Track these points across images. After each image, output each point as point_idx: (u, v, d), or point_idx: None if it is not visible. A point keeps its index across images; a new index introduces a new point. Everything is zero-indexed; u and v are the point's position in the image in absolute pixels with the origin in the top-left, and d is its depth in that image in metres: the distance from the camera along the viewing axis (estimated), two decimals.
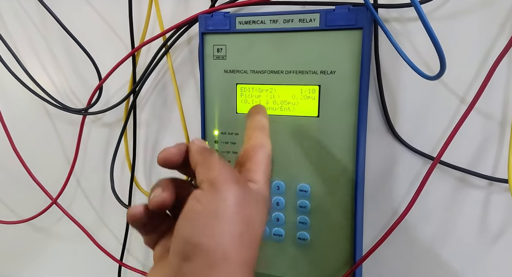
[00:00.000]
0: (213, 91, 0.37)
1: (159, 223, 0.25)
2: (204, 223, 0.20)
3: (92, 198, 0.51)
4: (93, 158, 0.49)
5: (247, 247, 0.21)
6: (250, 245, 0.21)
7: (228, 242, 0.20)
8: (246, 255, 0.21)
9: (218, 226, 0.20)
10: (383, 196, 0.37)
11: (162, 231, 0.25)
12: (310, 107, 0.34)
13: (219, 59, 0.36)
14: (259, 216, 0.22)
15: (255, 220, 0.22)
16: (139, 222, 0.24)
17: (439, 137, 0.34)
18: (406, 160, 0.35)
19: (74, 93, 0.48)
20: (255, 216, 0.22)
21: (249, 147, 0.25)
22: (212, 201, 0.21)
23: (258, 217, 0.22)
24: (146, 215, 0.24)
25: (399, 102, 0.35)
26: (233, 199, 0.21)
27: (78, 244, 0.52)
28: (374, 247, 0.33)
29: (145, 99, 0.45)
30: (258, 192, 0.23)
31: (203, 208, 0.21)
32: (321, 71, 0.33)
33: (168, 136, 0.45)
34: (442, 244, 0.36)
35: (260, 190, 0.23)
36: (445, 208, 0.35)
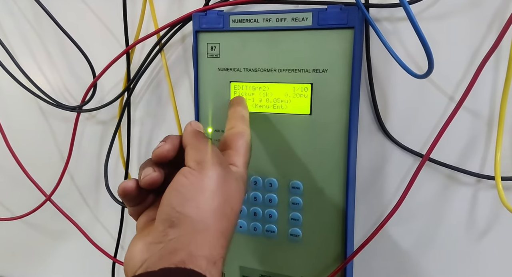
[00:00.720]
0: (207, 89, 0.37)
1: (145, 196, 0.28)
2: (190, 196, 0.24)
3: (86, 195, 0.51)
4: (87, 156, 0.49)
5: (225, 219, 0.24)
6: (227, 218, 0.24)
7: (209, 214, 0.23)
8: (223, 226, 0.24)
9: (201, 199, 0.24)
10: (374, 193, 0.37)
11: (147, 203, 0.28)
12: (303, 105, 0.34)
13: (212, 57, 0.37)
14: (238, 194, 0.26)
15: (233, 197, 0.25)
16: (129, 195, 0.27)
17: (429, 135, 0.35)
18: (396, 157, 0.36)
19: (68, 90, 0.48)
20: (234, 193, 0.26)
21: (231, 135, 0.29)
22: (198, 178, 0.24)
23: (237, 195, 0.26)
24: (136, 190, 0.27)
25: (389, 100, 0.35)
26: (216, 178, 0.24)
27: (72, 241, 0.52)
28: (365, 243, 0.34)
29: (139, 97, 0.45)
30: (238, 173, 0.27)
31: (190, 183, 0.24)
32: (313, 69, 0.33)
33: (162, 134, 0.45)
34: (431, 240, 0.36)
35: (239, 172, 0.27)
36: (434, 204, 0.36)
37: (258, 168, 0.37)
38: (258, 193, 0.37)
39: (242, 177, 0.27)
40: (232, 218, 0.25)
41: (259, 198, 0.37)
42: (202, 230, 0.23)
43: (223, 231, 0.24)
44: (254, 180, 0.37)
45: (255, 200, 0.37)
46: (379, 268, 0.39)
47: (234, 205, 0.25)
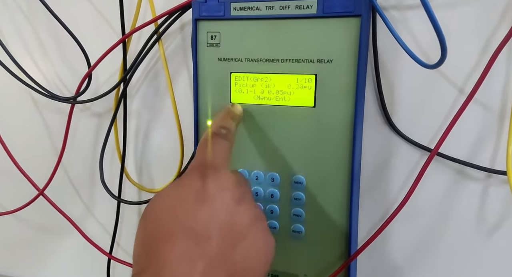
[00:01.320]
0: (207, 80, 0.37)
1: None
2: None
3: (80, 189, 0.50)
4: (82, 149, 0.49)
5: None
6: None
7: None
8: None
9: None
10: (379, 189, 0.37)
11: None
12: (306, 97, 0.33)
13: (212, 46, 0.36)
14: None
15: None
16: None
17: (437, 128, 0.34)
18: (403, 151, 0.35)
19: (62, 81, 0.47)
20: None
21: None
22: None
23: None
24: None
25: (396, 92, 0.35)
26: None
27: (66, 236, 0.52)
28: (370, 240, 0.33)
29: (136, 88, 0.44)
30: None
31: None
32: (318, 59, 0.33)
33: (160, 127, 0.44)
34: (439, 237, 0.36)
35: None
36: (442, 200, 0.35)
37: (260, 163, 0.36)
38: (260, 188, 0.36)
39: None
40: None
41: (260, 193, 0.37)
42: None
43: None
44: (255, 175, 0.36)
45: (256, 195, 0.37)
46: (384, 266, 0.38)
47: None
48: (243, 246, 0.23)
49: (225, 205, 0.24)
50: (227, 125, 0.30)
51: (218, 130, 0.29)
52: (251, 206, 0.25)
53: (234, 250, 0.23)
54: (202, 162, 0.26)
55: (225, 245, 0.22)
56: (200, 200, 0.23)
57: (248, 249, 0.23)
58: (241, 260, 0.23)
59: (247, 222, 0.24)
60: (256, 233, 0.24)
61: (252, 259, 0.24)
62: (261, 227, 0.25)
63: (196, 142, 0.37)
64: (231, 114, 0.33)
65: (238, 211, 0.24)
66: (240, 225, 0.24)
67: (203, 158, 0.27)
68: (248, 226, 0.24)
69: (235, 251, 0.23)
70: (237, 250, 0.23)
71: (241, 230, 0.24)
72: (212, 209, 0.23)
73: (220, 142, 0.28)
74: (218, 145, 0.28)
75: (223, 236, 0.23)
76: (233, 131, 0.31)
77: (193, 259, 0.21)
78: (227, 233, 0.23)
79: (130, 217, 0.48)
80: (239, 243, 0.23)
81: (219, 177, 0.25)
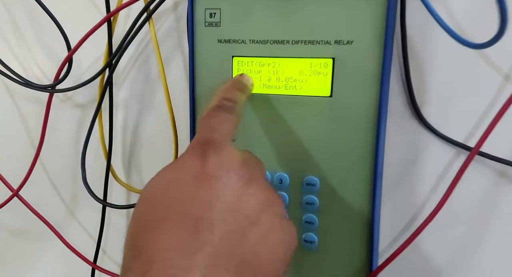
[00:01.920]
0: (205, 65, 0.34)
1: None
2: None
3: (61, 190, 0.47)
4: (63, 144, 0.45)
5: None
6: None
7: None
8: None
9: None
10: (404, 192, 0.34)
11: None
12: (322, 85, 0.31)
13: (212, 26, 0.33)
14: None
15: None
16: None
17: (476, 122, 0.31)
18: (434, 149, 0.32)
19: (39, 66, 0.44)
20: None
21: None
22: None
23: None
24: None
25: (427, 79, 0.31)
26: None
27: (44, 243, 0.49)
28: (396, 253, 0.30)
29: (124, 76, 0.41)
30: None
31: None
32: (336, 40, 0.30)
33: (151, 119, 0.41)
34: (477, 249, 0.33)
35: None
36: (480, 206, 0.32)
37: (266, 161, 0.32)
38: None
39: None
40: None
41: None
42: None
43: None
44: None
45: None
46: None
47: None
48: (254, 234, 0.21)
49: (230, 186, 0.21)
50: (233, 97, 0.27)
51: (222, 102, 0.26)
52: (263, 188, 0.23)
53: (243, 239, 0.20)
54: (202, 139, 0.23)
55: (231, 232, 0.20)
56: (199, 181, 0.21)
57: (261, 238, 0.21)
58: (252, 251, 0.20)
59: (259, 206, 0.21)
60: (271, 219, 0.22)
61: (266, 250, 0.21)
62: (277, 212, 0.22)
63: (192, 135, 0.35)
64: (238, 85, 0.29)
65: (247, 194, 0.21)
66: (250, 209, 0.21)
67: (203, 135, 0.24)
68: (260, 211, 0.21)
69: (244, 240, 0.20)
70: (246, 239, 0.20)
71: (250, 215, 0.21)
72: (213, 191, 0.21)
73: (224, 115, 0.25)
74: (221, 120, 0.25)
75: (228, 222, 0.20)
76: (240, 104, 0.27)
77: (191, 250, 0.19)
78: (233, 219, 0.20)
79: (117, 221, 0.45)
80: (249, 231, 0.20)
81: (222, 155, 0.22)
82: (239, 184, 0.21)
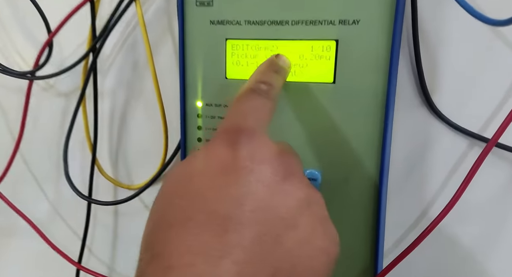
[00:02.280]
0: (196, 50, 0.31)
1: None
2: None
3: (44, 184, 0.45)
4: (46, 136, 0.43)
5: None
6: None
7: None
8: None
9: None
10: (412, 188, 0.32)
11: None
12: (324, 70, 0.29)
13: (203, 5, 0.30)
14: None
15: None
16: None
17: (493, 111, 0.29)
18: (445, 140, 0.30)
19: (18, 51, 0.41)
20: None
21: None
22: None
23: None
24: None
25: (439, 64, 0.30)
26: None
27: (25, 241, 0.47)
28: (404, 254, 0.28)
29: (109, 62, 0.39)
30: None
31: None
32: (340, 20, 0.27)
33: (140, 108, 0.39)
34: (492, 249, 0.31)
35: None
36: (497, 202, 0.30)
37: None
38: None
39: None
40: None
41: None
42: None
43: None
44: None
45: None
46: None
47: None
48: (291, 239, 0.18)
49: (263, 181, 0.19)
50: (269, 80, 0.24)
51: (256, 85, 0.23)
52: (302, 185, 0.20)
53: (278, 244, 0.18)
54: (233, 126, 0.21)
55: (264, 236, 0.17)
56: (228, 174, 0.19)
57: (298, 244, 0.18)
58: (287, 259, 0.18)
59: (296, 206, 0.19)
60: (311, 222, 0.19)
61: (304, 259, 0.18)
62: (318, 213, 0.20)
63: (183, 127, 0.32)
64: (275, 67, 0.26)
65: (283, 190, 0.19)
66: (286, 209, 0.18)
67: (234, 121, 0.21)
68: (297, 212, 0.19)
69: (279, 245, 0.18)
70: (281, 244, 0.18)
71: (287, 216, 0.18)
72: (244, 186, 0.18)
73: (259, 100, 0.23)
74: (255, 104, 0.22)
75: (260, 223, 0.17)
76: (277, 88, 0.25)
77: (217, 255, 0.16)
78: (266, 220, 0.18)
79: (104, 218, 0.43)
80: (285, 234, 0.18)
81: (255, 145, 0.20)
82: (274, 179, 0.19)
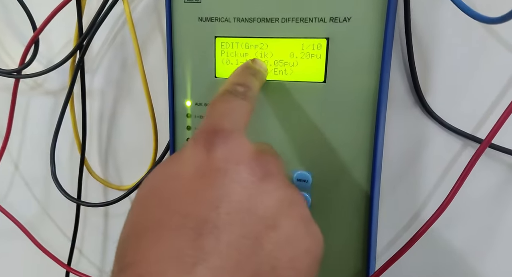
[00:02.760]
0: (184, 48, 0.31)
1: None
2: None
3: (33, 185, 0.44)
4: (35, 135, 0.42)
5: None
6: None
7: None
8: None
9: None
10: (405, 187, 0.31)
11: None
12: (315, 69, 0.28)
13: (192, 2, 0.30)
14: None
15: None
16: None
17: (486, 111, 0.28)
18: (438, 141, 0.30)
19: (4, 49, 0.41)
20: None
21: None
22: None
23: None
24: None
25: (432, 63, 0.29)
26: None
27: (13, 243, 0.46)
28: (396, 256, 0.28)
29: (98, 61, 0.38)
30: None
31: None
32: (331, 18, 0.27)
33: (128, 108, 0.38)
34: (485, 251, 0.31)
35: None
36: (490, 203, 0.30)
37: None
38: None
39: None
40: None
41: None
42: None
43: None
44: None
45: None
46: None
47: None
48: (271, 241, 0.17)
49: (239, 182, 0.18)
50: (246, 82, 0.24)
51: (232, 87, 0.23)
52: (281, 184, 0.19)
53: (257, 247, 0.17)
54: (209, 127, 0.20)
55: (242, 238, 0.16)
56: (202, 176, 0.18)
57: (280, 246, 0.17)
58: (268, 261, 0.17)
59: (276, 206, 0.18)
60: (293, 223, 0.18)
61: (287, 261, 0.17)
62: (299, 213, 0.19)
63: (172, 127, 0.32)
64: (251, 70, 0.26)
65: (261, 192, 0.18)
66: (265, 210, 0.18)
67: (210, 123, 0.21)
68: (278, 213, 0.18)
69: (258, 248, 0.17)
70: (261, 246, 0.17)
71: (266, 217, 0.17)
72: (219, 188, 0.18)
73: (235, 101, 0.22)
74: (232, 105, 0.22)
75: (237, 225, 0.17)
76: (254, 90, 0.24)
77: (191, 261, 0.15)
78: (243, 221, 0.17)
79: (94, 219, 0.42)
80: (265, 236, 0.17)
81: (231, 146, 0.19)
82: (251, 179, 0.18)
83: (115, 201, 0.37)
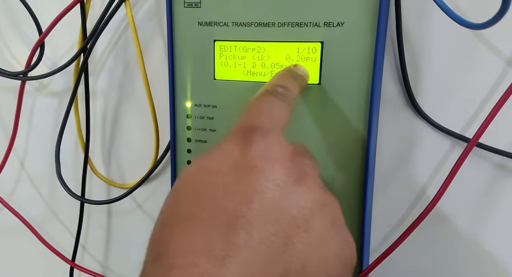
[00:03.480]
0: (184, 51, 0.31)
1: None
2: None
3: (39, 183, 0.45)
4: (40, 135, 0.43)
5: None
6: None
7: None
8: None
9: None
10: (397, 186, 0.32)
11: None
12: (310, 71, 0.28)
13: (191, 7, 0.30)
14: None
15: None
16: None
17: (474, 111, 0.29)
18: (429, 141, 0.30)
19: (11, 52, 0.41)
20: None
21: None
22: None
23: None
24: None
25: (423, 65, 0.29)
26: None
27: (22, 240, 0.46)
28: (387, 252, 0.28)
29: (101, 63, 0.38)
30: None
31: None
32: (325, 22, 0.27)
33: (131, 109, 0.39)
34: (474, 246, 0.31)
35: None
36: (478, 200, 0.30)
37: None
38: None
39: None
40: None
41: None
42: None
43: None
44: None
45: None
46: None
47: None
48: (302, 241, 0.17)
49: (274, 180, 0.18)
50: (286, 84, 0.24)
51: (273, 88, 0.23)
52: (315, 187, 0.19)
53: (288, 245, 0.16)
54: (246, 124, 0.20)
55: (273, 236, 0.16)
56: (237, 172, 0.18)
57: (311, 247, 0.17)
58: (298, 261, 0.17)
59: (309, 208, 0.18)
60: (324, 224, 0.18)
61: (318, 263, 0.17)
62: (332, 216, 0.19)
63: (172, 127, 0.32)
64: (292, 74, 0.26)
65: (294, 192, 0.18)
66: (298, 210, 0.17)
67: (248, 120, 0.21)
68: (310, 214, 0.18)
69: (289, 247, 0.16)
70: (292, 245, 0.17)
71: (298, 217, 0.17)
72: (254, 184, 0.17)
73: (274, 101, 0.22)
74: (270, 105, 0.22)
75: (269, 222, 0.16)
76: (294, 92, 0.24)
77: (222, 254, 0.15)
78: (276, 219, 0.17)
79: (98, 216, 0.43)
80: (296, 236, 0.17)
81: (267, 144, 0.19)
82: (285, 179, 0.18)
83: (118, 199, 0.38)
